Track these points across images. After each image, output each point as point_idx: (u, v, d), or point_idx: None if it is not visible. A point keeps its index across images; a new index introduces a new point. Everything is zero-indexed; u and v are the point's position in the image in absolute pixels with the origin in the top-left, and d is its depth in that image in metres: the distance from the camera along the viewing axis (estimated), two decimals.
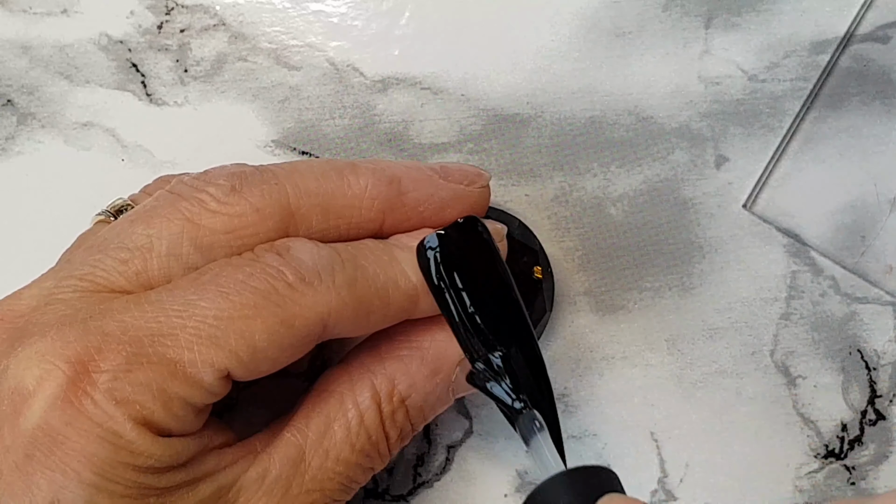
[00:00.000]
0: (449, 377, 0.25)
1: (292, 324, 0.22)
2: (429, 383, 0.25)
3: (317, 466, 0.24)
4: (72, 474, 0.21)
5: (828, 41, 0.32)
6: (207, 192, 0.24)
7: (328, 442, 0.24)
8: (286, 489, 0.24)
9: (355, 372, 0.25)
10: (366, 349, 0.26)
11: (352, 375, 0.25)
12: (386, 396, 0.25)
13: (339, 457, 0.24)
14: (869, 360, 0.31)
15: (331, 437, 0.24)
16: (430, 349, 0.25)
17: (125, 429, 0.21)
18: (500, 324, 0.25)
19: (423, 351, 0.25)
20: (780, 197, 0.31)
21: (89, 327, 0.22)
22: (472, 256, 0.25)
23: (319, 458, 0.24)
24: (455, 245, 0.25)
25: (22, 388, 0.21)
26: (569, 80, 0.32)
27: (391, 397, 0.25)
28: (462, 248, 0.25)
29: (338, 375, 0.25)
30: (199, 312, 0.22)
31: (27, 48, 0.32)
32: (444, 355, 0.25)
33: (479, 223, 0.26)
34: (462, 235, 0.25)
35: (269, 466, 0.24)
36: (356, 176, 0.25)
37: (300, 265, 0.23)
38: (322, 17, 0.33)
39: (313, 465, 0.24)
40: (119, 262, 0.23)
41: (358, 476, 0.25)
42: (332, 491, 0.24)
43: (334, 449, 0.24)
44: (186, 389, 0.22)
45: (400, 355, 0.25)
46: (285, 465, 0.24)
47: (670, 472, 0.30)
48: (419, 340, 0.25)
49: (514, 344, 0.25)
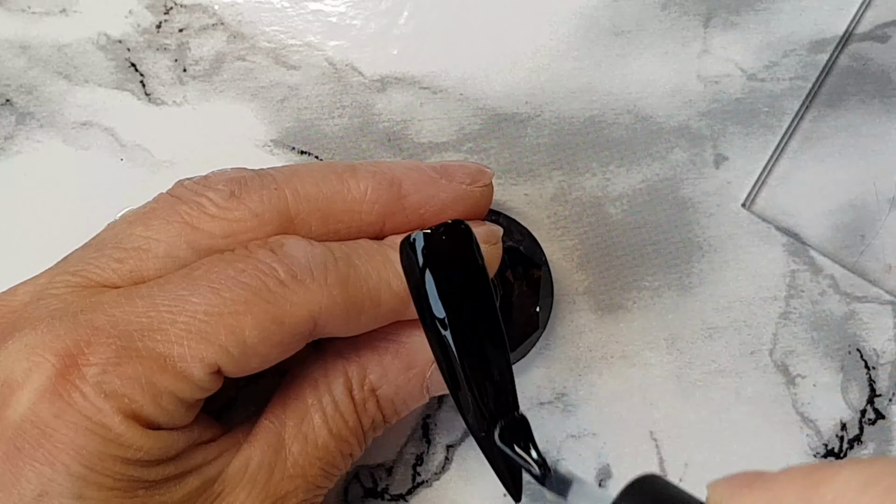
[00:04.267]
0: (422, 374, 0.26)
1: (283, 321, 0.22)
2: (401, 377, 0.25)
3: (297, 452, 0.24)
4: (60, 467, 0.21)
5: (827, 40, 0.32)
6: (207, 197, 0.24)
7: (306, 427, 0.24)
8: (269, 476, 0.24)
9: (329, 359, 0.25)
10: (343, 339, 0.26)
11: (326, 362, 0.25)
12: (357, 384, 0.25)
13: (318, 441, 0.24)
14: (868, 359, 0.31)
15: (308, 422, 0.25)
16: (406, 343, 0.25)
17: (114, 422, 0.21)
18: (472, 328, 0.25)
19: (399, 345, 0.25)
20: (779, 196, 0.31)
21: (79, 321, 0.22)
22: (455, 259, 0.25)
23: (299, 443, 0.24)
24: (439, 245, 0.25)
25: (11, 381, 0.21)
26: (568, 80, 0.32)
27: (362, 385, 0.25)
28: (446, 250, 0.25)
29: (313, 362, 0.26)
30: (190, 307, 0.22)
31: (26, 48, 0.32)
32: (420, 351, 0.25)
33: (466, 227, 0.25)
34: (448, 237, 0.25)
35: (250, 455, 0.24)
36: (356, 180, 0.25)
37: (293, 262, 0.23)
38: (321, 16, 0.33)
39: (294, 451, 0.24)
40: (114, 261, 0.24)
41: (338, 462, 0.25)
42: (314, 476, 0.25)
43: (312, 433, 0.24)
44: (175, 384, 0.22)
45: (375, 346, 0.25)
46: (266, 452, 0.24)
47: (670, 471, 0.30)
48: (397, 335, 0.26)
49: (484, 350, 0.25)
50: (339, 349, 0.26)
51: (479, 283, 0.25)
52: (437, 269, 0.24)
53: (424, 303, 0.24)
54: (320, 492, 0.25)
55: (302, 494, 0.24)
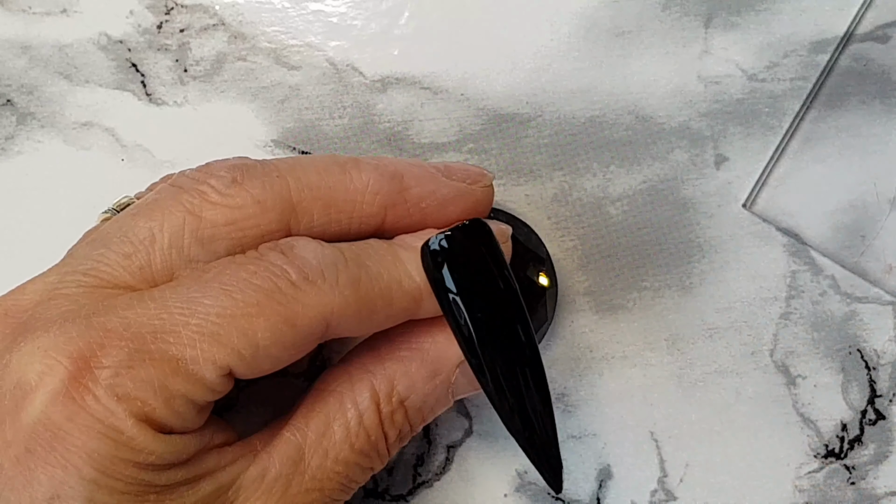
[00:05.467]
0: (448, 379, 0.25)
1: (295, 322, 0.22)
2: (428, 384, 0.25)
3: (316, 466, 0.24)
4: (72, 470, 0.21)
5: (827, 41, 0.32)
6: (209, 184, 0.24)
7: (327, 441, 0.24)
8: (285, 488, 0.24)
9: (355, 372, 0.25)
10: (366, 349, 0.26)
11: (351, 375, 0.25)
12: (385, 397, 0.25)
13: (339, 456, 0.24)
14: (869, 360, 0.31)
15: (330, 436, 0.24)
16: (430, 350, 0.25)
17: (126, 425, 0.21)
18: (502, 329, 0.25)
19: (423, 352, 0.25)
20: (779, 196, 0.31)
21: (92, 323, 0.22)
22: (478, 259, 0.25)
23: (319, 457, 0.24)
24: (461, 247, 0.25)
25: (24, 383, 0.21)
26: (568, 80, 0.32)
27: (390, 398, 0.25)
28: (468, 251, 0.25)
29: (337, 375, 0.25)
30: (202, 310, 0.22)
31: (27, 48, 0.32)
32: (444, 357, 0.25)
33: (486, 226, 0.26)
34: (468, 238, 0.25)
35: (268, 465, 0.24)
36: (358, 171, 0.25)
37: (304, 264, 0.23)
38: (321, 16, 0.33)
39: (313, 465, 0.24)
40: (122, 257, 0.23)
41: (357, 476, 0.25)
42: (332, 490, 0.24)
43: (333, 448, 0.24)
44: (188, 386, 0.22)
45: (400, 356, 0.25)
46: (285, 464, 0.24)
47: (670, 471, 0.30)
48: (419, 342, 0.25)
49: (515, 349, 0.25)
50: (363, 361, 0.25)
51: (505, 280, 0.25)
52: (462, 269, 0.24)
53: (452, 306, 0.24)
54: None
55: None
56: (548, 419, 0.25)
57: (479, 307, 0.24)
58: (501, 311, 0.25)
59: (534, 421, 0.25)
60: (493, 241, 0.25)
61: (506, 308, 0.25)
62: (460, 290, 0.24)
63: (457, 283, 0.24)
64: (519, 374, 0.25)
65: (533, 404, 0.25)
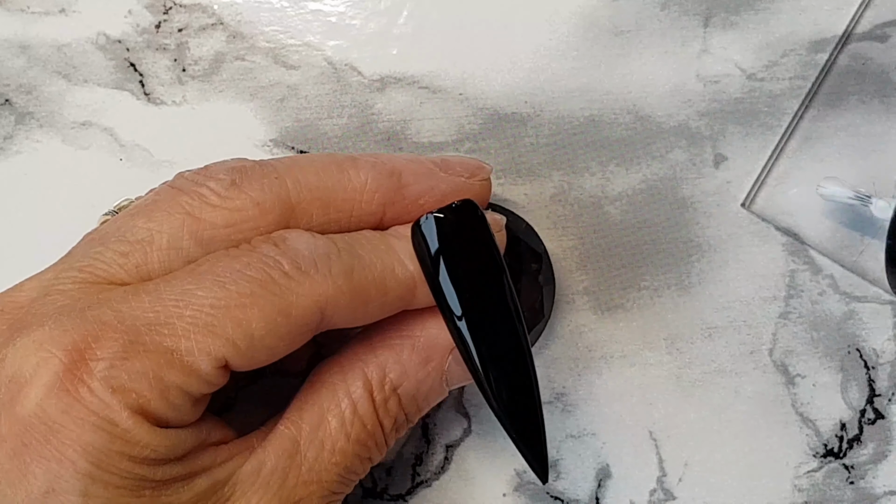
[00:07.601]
0: (441, 365, 0.25)
1: (289, 312, 0.22)
2: (420, 371, 0.25)
3: (313, 458, 0.24)
4: (67, 463, 0.21)
5: (826, 40, 0.32)
6: (208, 187, 0.24)
7: (323, 432, 0.24)
8: (282, 481, 0.24)
9: (346, 362, 0.25)
10: (357, 340, 0.26)
11: (343, 366, 0.25)
12: (377, 385, 0.25)
13: (336, 447, 0.24)
14: (868, 359, 0.31)
15: (325, 427, 0.24)
16: (421, 337, 0.25)
17: (121, 417, 0.21)
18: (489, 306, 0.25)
19: (414, 339, 0.25)
20: (778, 195, 0.31)
21: (86, 316, 0.22)
22: (469, 240, 0.25)
23: (315, 449, 0.24)
24: (451, 226, 0.25)
25: (19, 377, 0.21)
26: (567, 79, 0.32)
27: (383, 385, 0.25)
28: (458, 230, 0.25)
29: (329, 366, 0.26)
30: (196, 301, 0.22)
31: (25, 47, 0.32)
32: (436, 343, 0.25)
33: (475, 206, 0.26)
34: (459, 219, 0.25)
35: (263, 459, 0.24)
36: (356, 169, 0.25)
37: (296, 254, 0.23)
38: (320, 16, 0.33)
39: (309, 457, 0.24)
40: (119, 255, 0.24)
41: (356, 467, 0.25)
42: (331, 483, 0.24)
43: (329, 439, 0.24)
44: (183, 378, 0.22)
45: (391, 344, 0.25)
46: (280, 457, 0.24)
47: (669, 471, 0.30)
48: (410, 329, 0.26)
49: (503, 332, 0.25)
50: (355, 351, 0.26)
51: (495, 260, 0.25)
52: (452, 249, 0.25)
53: (441, 285, 0.24)
54: (336, 498, 0.25)
55: (317, 500, 0.24)
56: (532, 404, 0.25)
57: (468, 286, 0.24)
58: (489, 289, 0.25)
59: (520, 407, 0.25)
60: (484, 222, 0.25)
61: (493, 287, 0.25)
62: (449, 268, 0.24)
63: (446, 262, 0.24)
64: (505, 355, 0.25)
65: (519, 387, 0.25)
